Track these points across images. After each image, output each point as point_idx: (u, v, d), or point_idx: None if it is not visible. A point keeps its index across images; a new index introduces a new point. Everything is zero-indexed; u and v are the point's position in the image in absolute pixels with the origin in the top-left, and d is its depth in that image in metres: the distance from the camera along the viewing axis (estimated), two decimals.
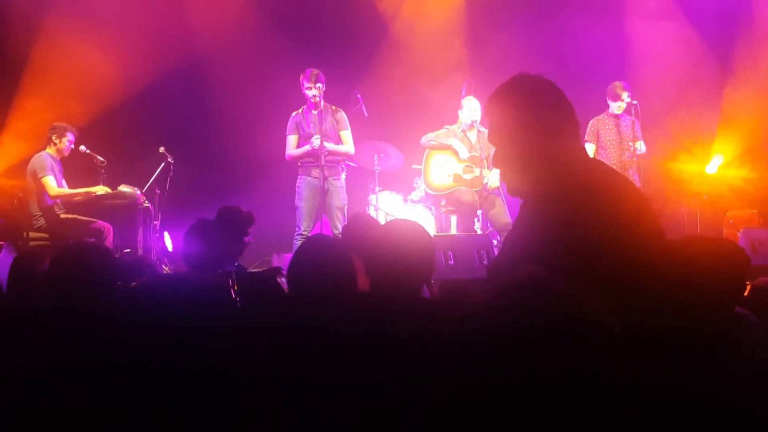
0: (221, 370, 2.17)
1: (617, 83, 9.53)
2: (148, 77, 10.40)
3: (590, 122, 9.59)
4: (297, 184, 8.75)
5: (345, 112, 8.99)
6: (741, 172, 11.08)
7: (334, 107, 8.85)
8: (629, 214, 2.73)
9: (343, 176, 8.91)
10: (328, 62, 9.10)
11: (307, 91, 8.60)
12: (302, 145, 8.68)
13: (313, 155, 8.56)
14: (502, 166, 2.96)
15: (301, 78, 8.68)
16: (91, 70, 10.06)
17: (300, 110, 8.80)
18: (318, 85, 8.55)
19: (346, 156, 8.94)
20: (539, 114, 2.83)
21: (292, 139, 8.77)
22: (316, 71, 8.64)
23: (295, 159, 8.75)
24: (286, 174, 9.24)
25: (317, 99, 8.59)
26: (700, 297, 2.49)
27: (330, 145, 8.61)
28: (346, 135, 8.85)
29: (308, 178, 8.67)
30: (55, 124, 9.11)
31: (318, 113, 8.61)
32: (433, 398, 2.18)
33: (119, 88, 10.24)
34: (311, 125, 8.65)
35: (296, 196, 8.73)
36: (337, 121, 8.82)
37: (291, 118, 8.81)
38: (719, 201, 10.89)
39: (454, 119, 9.60)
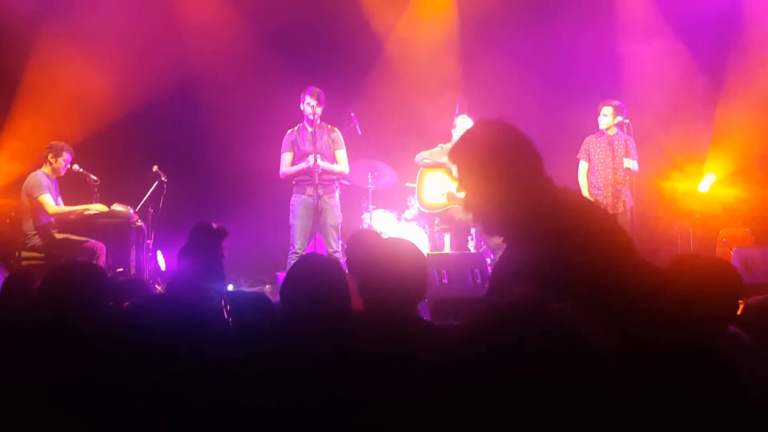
0: (214, 390, 2.17)
1: (604, 102, 9.53)
2: (142, 96, 10.40)
3: (584, 140, 9.61)
4: (291, 202, 8.73)
5: (340, 131, 8.99)
6: (733, 190, 11.10)
7: (329, 126, 8.85)
8: (600, 234, 2.77)
9: (337, 195, 8.90)
10: (322, 81, 9.10)
11: (307, 107, 8.57)
12: (297, 163, 8.67)
13: (308, 173, 8.54)
14: (473, 210, 3.01)
15: (302, 94, 8.66)
16: (85, 89, 10.06)
17: (296, 128, 8.80)
18: (316, 104, 8.55)
19: (341, 175, 8.93)
20: (500, 158, 2.90)
21: (286, 157, 8.75)
22: (319, 90, 8.65)
23: (290, 177, 8.73)
24: (281, 192, 9.24)
25: (316, 116, 8.58)
26: (693, 315, 2.49)
27: (325, 164, 8.61)
28: (342, 154, 8.85)
29: (302, 196, 8.66)
30: (52, 143, 9.10)
31: (313, 131, 8.61)
32: (428, 418, 2.18)
33: (113, 107, 10.25)
34: (306, 143, 8.64)
35: (290, 214, 8.71)
36: (333, 141, 8.81)
37: (286, 136, 8.80)
38: (712, 220, 10.91)
39: (447, 138, 9.60)
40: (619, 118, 9.36)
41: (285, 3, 11.13)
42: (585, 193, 9.46)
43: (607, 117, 9.39)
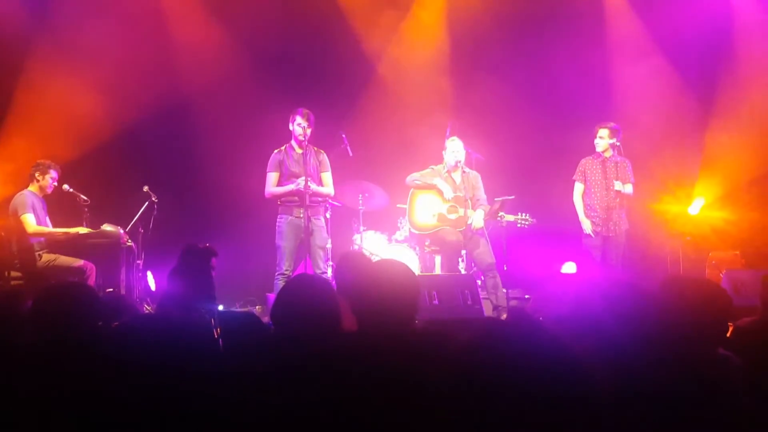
0: (204, 409, 2.17)
1: (600, 124, 9.56)
2: (132, 116, 10.41)
3: (580, 162, 9.63)
4: (278, 223, 8.69)
5: (328, 154, 8.99)
6: (723, 213, 11.15)
7: (316, 148, 8.85)
8: None
9: (324, 216, 8.89)
10: (314, 102, 9.13)
11: (297, 127, 8.57)
12: (284, 184, 8.65)
13: (298, 195, 8.52)
14: None
15: (292, 115, 8.66)
16: (76, 109, 10.06)
17: (282, 148, 8.78)
18: (307, 125, 8.56)
19: (327, 197, 8.93)
20: None
21: (273, 177, 8.72)
22: (309, 111, 8.66)
23: (276, 197, 8.70)
24: (271, 213, 9.24)
25: (307, 137, 8.58)
26: (682, 337, 2.50)
27: (314, 186, 8.61)
28: (328, 177, 8.85)
29: (290, 217, 8.62)
30: (38, 161, 9.10)
31: (303, 153, 8.61)
32: None
33: (103, 128, 10.25)
34: (295, 164, 8.64)
35: (277, 236, 8.66)
36: (320, 162, 8.81)
37: (273, 155, 8.77)
38: (702, 242, 10.94)
39: (438, 159, 9.63)
40: (615, 139, 9.40)
41: (276, 24, 11.16)
42: (580, 215, 9.48)
43: (603, 139, 9.42)
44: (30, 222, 8.78)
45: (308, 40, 11.46)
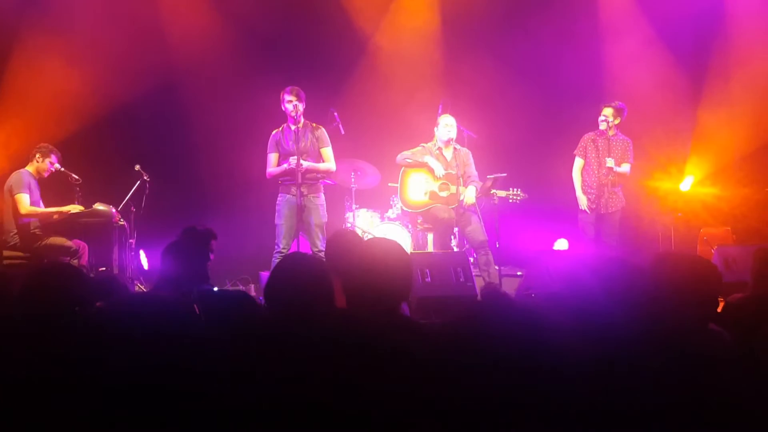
0: (187, 385, 2.18)
1: (605, 103, 9.55)
2: (124, 95, 10.37)
3: (582, 137, 9.62)
4: (277, 202, 8.68)
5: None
6: (715, 189, 11.18)
7: (314, 124, 8.82)
8: None
9: (323, 194, 8.88)
10: (306, 80, 9.10)
11: (288, 105, 8.55)
12: (282, 163, 8.63)
13: (292, 174, 8.51)
14: None
15: (281, 94, 8.64)
16: (68, 88, 10.03)
17: (280, 128, 8.75)
18: (297, 101, 8.52)
19: (328, 173, 8.87)
20: None
21: (272, 157, 8.71)
22: (297, 87, 8.63)
23: (275, 177, 8.70)
24: (263, 192, 9.24)
25: (298, 114, 8.56)
26: (673, 313, 2.51)
27: (308, 163, 8.58)
28: (327, 152, 8.81)
29: (288, 196, 8.61)
30: (42, 144, 9.09)
31: (296, 130, 8.58)
32: (411, 414, 2.19)
33: (95, 106, 10.22)
34: (290, 142, 8.61)
35: (276, 214, 8.67)
36: (317, 138, 8.77)
37: (271, 136, 8.75)
38: (693, 218, 10.98)
39: (430, 137, 9.62)
40: (619, 119, 9.41)
41: (268, 3, 11.12)
42: (578, 190, 9.49)
43: (608, 117, 9.41)
44: (24, 202, 8.77)
45: (300, 17, 11.43)
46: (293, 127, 8.63)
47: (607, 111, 9.45)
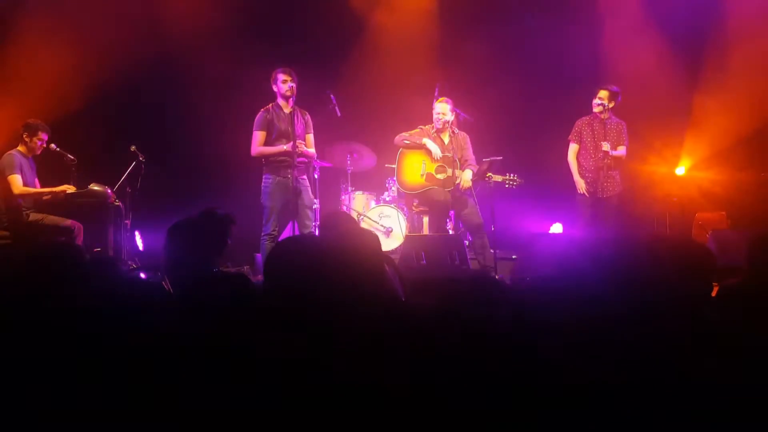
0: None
1: (600, 86, 9.54)
2: (120, 75, 10.33)
3: (576, 122, 9.61)
4: (264, 183, 8.60)
5: (316, 114, 8.96)
6: (710, 174, 11.19)
7: (301, 109, 8.80)
8: None
9: (313, 176, 8.87)
10: (301, 62, 9.09)
11: (282, 84, 8.52)
12: (273, 143, 8.58)
13: (288, 156, 8.46)
14: None
15: (274, 74, 8.61)
16: (62, 67, 9.98)
17: (270, 107, 8.69)
18: (291, 80, 8.51)
19: (312, 158, 8.88)
20: None
21: (260, 135, 8.60)
22: (289, 68, 8.61)
23: (264, 156, 8.62)
24: (258, 173, 9.22)
25: (293, 94, 8.54)
26: (666, 296, 2.52)
27: (309, 149, 8.61)
28: (311, 138, 8.82)
29: (277, 177, 8.54)
30: (28, 121, 9.04)
31: (291, 113, 8.56)
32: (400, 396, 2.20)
33: (90, 86, 10.17)
34: (285, 124, 8.58)
35: (264, 196, 8.58)
36: (305, 123, 8.77)
37: (260, 114, 8.64)
38: (688, 203, 11.00)
39: (426, 119, 9.61)
40: (614, 103, 9.39)
41: None
42: (575, 174, 9.48)
43: (603, 101, 9.40)
44: (17, 183, 8.75)
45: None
46: (287, 110, 8.60)
47: (603, 94, 9.43)
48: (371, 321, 2.69)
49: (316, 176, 9.04)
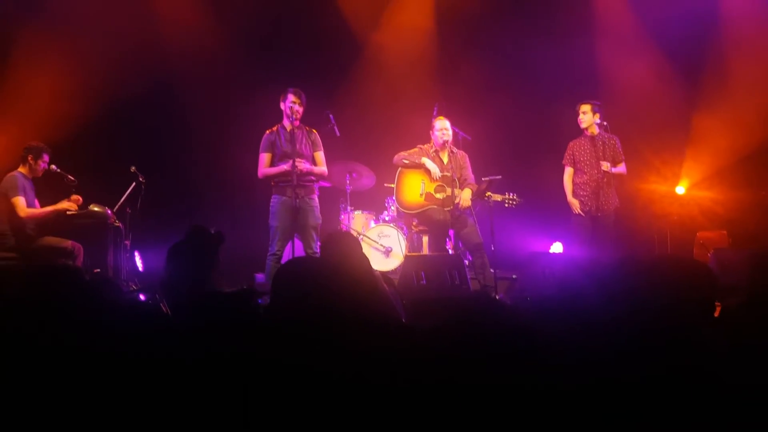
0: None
1: (581, 101, 9.52)
2: (120, 96, 10.35)
3: (568, 145, 9.59)
4: (271, 204, 8.64)
5: (318, 133, 8.97)
6: (710, 193, 11.18)
7: (308, 128, 8.82)
8: None
9: (316, 196, 8.87)
10: (301, 82, 9.08)
11: (291, 104, 8.56)
12: (276, 164, 8.61)
13: (288, 175, 8.47)
14: None
15: (285, 93, 8.64)
16: (63, 88, 10.01)
17: (275, 128, 8.73)
18: (299, 104, 8.54)
19: (321, 176, 8.88)
20: None
21: (265, 157, 8.67)
22: (300, 90, 8.65)
23: (269, 177, 8.66)
24: (258, 194, 9.22)
25: (297, 116, 8.57)
26: (668, 316, 2.51)
27: (307, 166, 8.59)
28: (321, 156, 8.81)
29: (283, 197, 8.58)
30: (31, 144, 9.04)
31: (292, 132, 8.58)
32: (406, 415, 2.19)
33: (91, 107, 10.19)
34: (286, 143, 8.60)
35: (271, 216, 8.61)
36: (312, 142, 8.78)
37: (265, 136, 8.72)
38: (689, 222, 10.98)
39: (425, 139, 9.62)
40: (598, 116, 9.37)
41: (264, 6, 11.12)
42: (569, 196, 9.46)
43: (586, 114, 9.39)
44: (21, 205, 8.75)
45: (295, 18, 11.44)
46: (289, 129, 8.62)
47: (585, 107, 9.42)
48: (372, 342, 2.68)
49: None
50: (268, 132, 8.73)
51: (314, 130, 8.87)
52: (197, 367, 2.47)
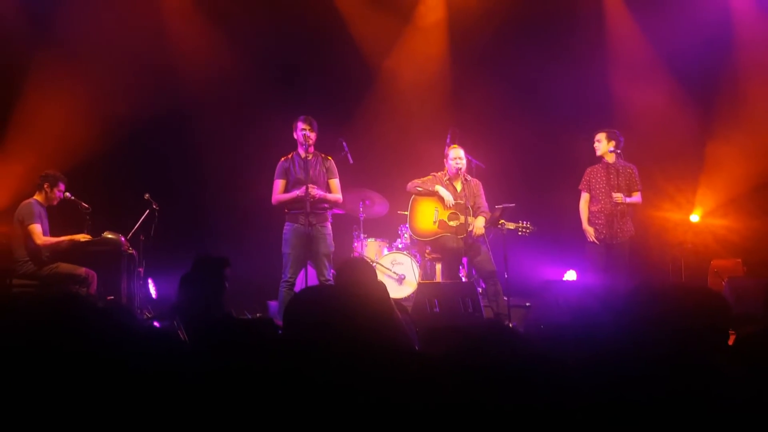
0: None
1: (597, 129, 9.53)
2: (134, 123, 10.43)
3: (585, 171, 9.58)
4: (284, 231, 8.66)
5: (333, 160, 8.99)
6: (725, 221, 11.14)
7: (323, 155, 8.85)
8: None
9: (329, 223, 8.88)
10: (315, 109, 9.12)
11: (302, 132, 8.59)
12: (290, 191, 8.63)
13: (301, 202, 8.50)
14: None
15: (295, 122, 8.68)
16: (77, 116, 10.08)
17: (289, 156, 8.77)
18: (310, 130, 8.58)
19: (336, 204, 8.90)
20: None
21: (279, 184, 8.71)
22: (311, 117, 8.68)
23: (283, 204, 8.68)
24: (271, 220, 9.23)
25: (309, 142, 8.60)
26: (681, 345, 2.50)
27: (320, 192, 8.61)
28: (336, 183, 8.84)
29: (296, 225, 8.60)
30: (48, 172, 9.07)
31: (306, 159, 8.61)
32: None
33: (105, 134, 10.26)
34: (300, 170, 8.63)
35: (284, 243, 8.64)
36: (327, 169, 8.80)
37: (279, 163, 8.76)
38: (703, 250, 10.93)
39: (439, 166, 9.63)
40: (613, 143, 9.35)
41: (278, 31, 11.19)
42: (584, 223, 9.44)
43: (600, 143, 9.39)
44: (38, 232, 8.80)
45: (310, 46, 11.49)
46: (303, 156, 8.66)
47: (600, 135, 9.43)
48: (385, 371, 2.68)
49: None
50: (282, 159, 8.77)
51: (329, 157, 8.89)
52: (213, 392, 2.47)
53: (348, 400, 2.50)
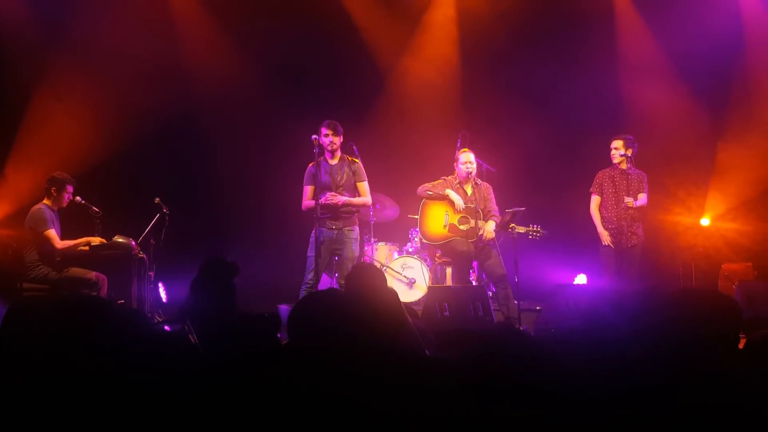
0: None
1: (614, 136, 9.53)
2: (144, 128, 10.45)
3: (597, 174, 9.59)
4: (311, 234, 8.73)
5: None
6: (735, 224, 11.11)
7: (350, 158, 8.89)
8: None
9: (357, 227, 8.93)
10: (326, 113, 9.13)
11: (325, 137, 8.63)
12: (318, 196, 8.67)
13: (327, 207, 8.57)
14: None
15: (319, 127, 8.72)
16: (88, 120, 10.12)
17: (318, 160, 8.80)
18: (333, 134, 8.62)
19: (364, 206, 8.99)
20: None
21: (308, 190, 8.79)
22: (335, 121, 8.72)
23: (312, 210, 8.73)
24: (286, 224, 9.24)
25: (333, 147, 8.64)
26: (692, 349, 2.50)
27: (344, 198, 8.65)
28: (364, 186, 8.88)
29: (322, 229, 8.66)
30: (55, 176, 9.07)
31: (333, 164, 8.66)
32: None
33: (116, 139, 10.29)
34: (326, 175, 8.68)
35: (309, 246, 8.71)
36: (354, 173, 8.84)
37: (308, 168, 8.83)
38: (714, 254, 10.90)
39: (449, 170, 9.62)
40: (630, 150, 9.35)
41: (289, 37, 11.21)
42: (599, 226, 9.44)
43: (618, 150, 9.39)
44: (55, 237, 8.81)
45: (321, 52, 11.51)
46: (331, 162, 8.71)
47: (618, 143, 9.43)
48: (395, 376, 2.68)
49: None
50: (310, 164, 8.81)
51: (357, 161, 8.92)
52: (225, 396, 2.48)
53: (357, 405, 2.50)
